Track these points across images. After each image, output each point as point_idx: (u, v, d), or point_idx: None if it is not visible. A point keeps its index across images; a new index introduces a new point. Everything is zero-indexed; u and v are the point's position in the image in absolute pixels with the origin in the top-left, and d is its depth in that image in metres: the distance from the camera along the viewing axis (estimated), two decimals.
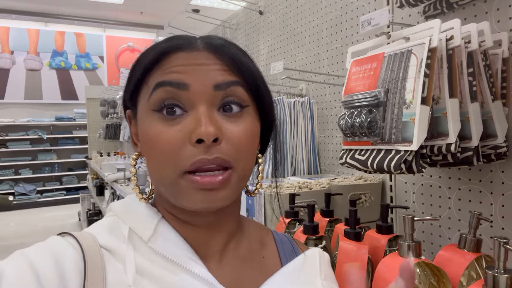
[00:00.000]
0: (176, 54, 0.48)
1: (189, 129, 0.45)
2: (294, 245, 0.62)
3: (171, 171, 0.46)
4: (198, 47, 0.49)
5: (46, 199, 7.24)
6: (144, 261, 0.47)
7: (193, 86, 0.46)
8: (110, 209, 0.55)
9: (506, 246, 0.53)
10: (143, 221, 0.51)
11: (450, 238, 1.07)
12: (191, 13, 2.52)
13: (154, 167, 0.48)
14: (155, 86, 0.47)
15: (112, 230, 0.50)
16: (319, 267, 0.57)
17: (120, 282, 0.45)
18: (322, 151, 1.63)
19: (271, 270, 0.55)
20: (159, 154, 0.46)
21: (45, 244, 0.46)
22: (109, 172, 3.30)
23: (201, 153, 0.45)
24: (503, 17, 0.92)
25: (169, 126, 0.46)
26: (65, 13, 6.91)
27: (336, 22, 1.54)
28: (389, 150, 0.85)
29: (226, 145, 0.46)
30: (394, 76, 0.86)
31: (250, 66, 0.51)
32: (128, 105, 0.54)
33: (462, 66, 0.85)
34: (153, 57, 0.48)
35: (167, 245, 0.49)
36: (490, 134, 0.87)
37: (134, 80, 0.51)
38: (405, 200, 1.21)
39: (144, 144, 0.49)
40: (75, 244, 0.46)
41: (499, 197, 0.95)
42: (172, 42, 0.49)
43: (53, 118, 7.42)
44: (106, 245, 0.48)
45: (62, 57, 7.61)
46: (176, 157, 0.45)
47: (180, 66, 0.47)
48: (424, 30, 0.86)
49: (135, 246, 0.49)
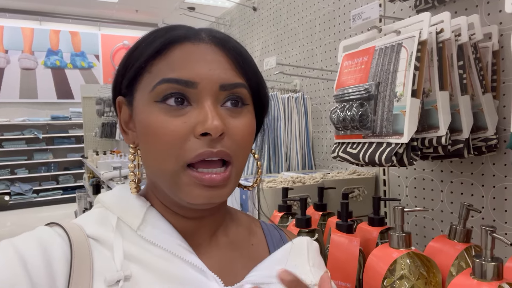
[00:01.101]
0: (183, 45, 0.48)
1: (194, 122, 0.46)
2: (282, 233, 0.63)
3: (173, 163, 0.46)
4: (204, 39, 0.49)
5: (43, 199, 7.22)
6: (133, 248, 0.47)
7: (201, 84, 0.46)
8: (97, 201, 0.55)
9: (493, 234, 0.53)
10: (131, 210, 0.51)
11: (442, 230, 1.08)
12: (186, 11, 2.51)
13: (153, 159, 0.48)
14: (162, 81, 0.46)
15: (100, 220, 0.50)
16: (307, 254, 0.57)
17: (108, 269, 0.45)
18: (316, 147, 1.63)
19: (259, 257, 0.56)
20: (161, 145, 0.46)
21: (32, 233, 0.46)
22: (105, 171, 3.29)
23: (205, 146, 0.45)
24: (493, 10, 0.93)
25: (173, 117, 0.46)
26: (60, 11, 6.88)
27: (329, 18, 1.54)
28: (380, 143, 0.85)
29: (228, 140, 0.47)
30: (385, 70, 0.87)
31: (253, 63, 0.52)
32: (122, 91, 0.53)
33: (453, 59, 0.85)
34: (158, 46, 0.48)
35: (156, 233, 0.49)
36: (481, 127, 0.88)
37: (135, 68, 0.49)
38: (398, 193, 1.22)
39: (144, 134, 0.48)
40: (63, 234, 0.47)
41: (490, 189, 0.95)
42: (178, 31, 0.49)
43: (49, 117, 7.40)
44: (93, 235, 0.48)
45: (57, 56, 7.58)
46: (179, 149, 0.45)
47: (187, 60, 0.47)
48: (414, 24, 0.86)
49: (123, 234, 0.49)
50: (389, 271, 0.66)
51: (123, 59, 0.52)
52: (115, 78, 0.53)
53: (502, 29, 0.91)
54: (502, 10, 0.91)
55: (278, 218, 1.01)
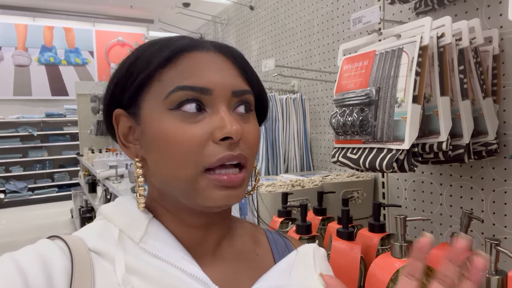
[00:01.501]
0: (192, 53, 0.49)
1: (211, 127, 0.46)
2: (287, 242, 0.62)
3: (191, 169, 0.46)
4: (210, 48, 0.50)
5: (38, 197, 7.17)
6: (135, 261, 0.47)
7: (215, 91, 0.47)
8: (100, 212, 0.54)
9: (497, 248, 0.53)
10: (133, 222, 0.50)
11: (441, 234, 1.08)
12: (181, 8, 2.49)
13: (167, 167, 0.47)
14: (176, 89, 0.46)
15: (101, 233, 0.50)
16: (313, 262, 0.57)
17: (109, 283, 0.45)
18: (314, 148, 1.63)
19: (264, 268, 0.55)
20: (178, 152, 0.46)
21: (33, 247, 0.46)
22: (101, 169, 3.27)
23: (226, 150, 0.46)
24: (493, 14, 0.92)
25: (190, 124, 0.46)
26: (53, 7, 6.79)
27: (327, 18, 1.53)
28: (381, 149, 0.85)
29: (243, 144, 0.48)
30: (385, 74, 0.86)
31: (255, 72, 0.54)
32: (123, 103, 0.51)
33: (453, 64, 0.84)
34: (168, 54, 0.48)
35: (159, 245, 0.48)
36: (481, 131, 0.88)
37: (141, 77, 0.48)
38: (397, 196, 1.21)
39: (155, 143, 0.47)
40: (64, 247, 0.46)
41: (490, 193, 0.95)
42: (186, 41, 0.50)
43: (43, 115, 7.33)
44: (95, 248, 0.48)
45: (51, 52, 7.50)
46: (198, 155, 0.45)
47: (199, 67, 0.48)
48: (415, 28, 0.86)
49: (125, 247, 0.48)
50: (392, 281, 0.66)
51: (122, 71, 0.50)
52: (111, 90, 0.51)
53: (502, 32, 0.90)
54: (503, 14, 0.90)
55: (278, 223, 1.00)
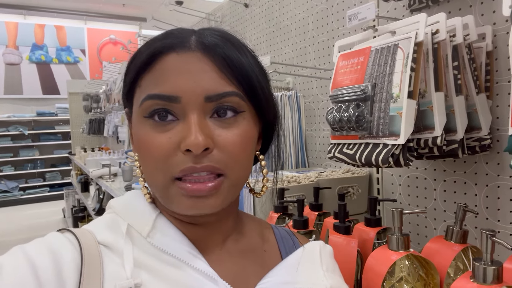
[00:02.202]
0: (168, 56, 0.47)
1: (179, 137, 0.45)
2: (294, 239, 0.62)
3: (161, 177, 0.46)
4: (191, 47, 0.47)
5: (29, 196, 7.11)
6: (143, 255, 0.47)
7: (184, 98, 0.45)
8: (109, 206, 0.55)
9: (493, 238, 0.54)
10: (141, 216, 0.51)
11: (435, 228, 1.09)
12: (175, 6, 2.48)
13: (146, 171, 0.48)
14: (147, 97, 0.46)
15: (110, 226, 0.50)
16: (320, 259, 0.57)
17: (118, 276, 0.45)
18: (309, 145, 1.63)
19: (271, 264, 0.55)
20: (150, 159, 0.46)
21: (44, 239, 0.46)
22: (93, 168, 3.25)
23: (190, 161, 0.44)
24: (487, 11, 0.93)
25: (160, 133, 0.46)
26: (45, 5, 6.73)
27: (322, 15, 1.54)
28: (377, 144, 0.86)
29: (219, 152, 0.45)
30: (381, 70, 0.87)
31: (245, 68, 0.48)
32: (125, 104, 0.54)
33: (447, 60, 0.85)
34: (145, 58, 0.47)
35: (166, 240, 0.49)
36: (475, 127, 0.89)
37: (127, 81, 0.50)
38: (392, 192, 1.23)
39: (137, 148, 0.49)
40: (74, 240, 0.47)
41: (483, 188, 0.97)
42: (165, 41, 0.48)
43: (34, 114, 7.26)
44: (104, 241, 0.48)
45: (42, 50, 7.43)
46: (166, 164, 0.45)
47: (171, 73, 0.46)
48: (410, 24, 0.86)
49: (133, 241, 0.48)
50: (389, 273, 0.67)
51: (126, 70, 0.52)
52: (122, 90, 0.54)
53: (496, 29, 0.92)
54: (496, 11, 0.91)
55: (275, 219, 1.01)
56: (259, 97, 0.50)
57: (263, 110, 0.52)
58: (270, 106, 0.53)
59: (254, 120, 0.51)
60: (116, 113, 4.16)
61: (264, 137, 0.57)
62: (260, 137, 0.56)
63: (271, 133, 0.57)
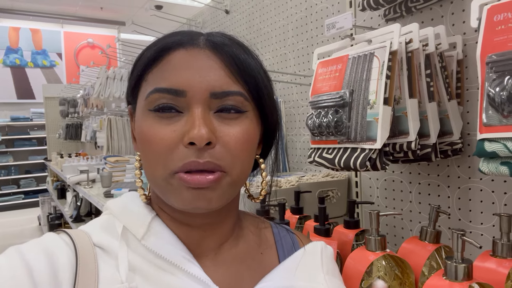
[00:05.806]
0: (176, 52, 0.48)
1: (183, 130, 0.45)
2: (294, 238, 0.61)
3: (162, 170, 0.46)
4: (200, 44, 0.48)
5: (3, 204, 6.88)
6: (138, 259, 0.47)
7: (190, 92, 0.46)
8: (106, 208, 0.55)
9: (463, 237, 0.57)
10: (137, 219, 0.51)
11: (411, 230, 1.13)
12: (155, 10, 2.47)
13: (147, 165, 0.48)
14: (154, 90, 0.46)
15: (106, 228, 0.50)
16: (321, 261, 0.56)
17: (113, 279, 0.45)
18: (290, 149, 1.66)
19: (268, 267, 0.54)
20: (152, 152, 0.46)
21: (39, 240, 0.46)
22: (71, 174, 3.18)
23: (193, 156, 0.44)
24: (457, 21, 0.98)
25: (164, 126, 0.46)
26: (20, 8, 6.56)
27: (301, 23, 1.57)
28: (355, 149, 0.88)
29: (220, 149, 0.46)
30: (358, 78, 0.90)
31: (252, 68, 0.49)
32: (129, 100, 0.54)
33: (421, 68, 0.89)
34: (153, 54, 0.48)
35: (160, 243, 0.48)
36: (447, 132, 0.93)
37: (134, 76, 0.51)
38: (370, 195, 1.26)
39: (139, 142, 0.49)
40: (69, 242, 0.47)
41: (456, 190, 1.01)
42: (173, 38, 0.49)
43: (8, 119, 7.06)
44: (99, 243, 0.48)
45: (17, 54, 7.24)
46: (168, 157, 0.45)
47: (178, 67, 0.46)
48: (385, 34, 0.90)
49: (128, 243, 0.48)
50: (366, 273, 0.69)
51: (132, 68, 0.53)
52: (127, 87, 0.54)
53: (466, 39, 0.96)
54: (466, 21, 0.96)
55: None
56: (263, 99, 0.51)
57: (266, 112, 0.52)
58: (272, 110, 0.54)
59: (257, 122, 0.51)
60: (94, 118, 4.09)
61: (265, 142, 0.57)
62: (261, 142, 0.56)
63: (271, 139, 0.58)
